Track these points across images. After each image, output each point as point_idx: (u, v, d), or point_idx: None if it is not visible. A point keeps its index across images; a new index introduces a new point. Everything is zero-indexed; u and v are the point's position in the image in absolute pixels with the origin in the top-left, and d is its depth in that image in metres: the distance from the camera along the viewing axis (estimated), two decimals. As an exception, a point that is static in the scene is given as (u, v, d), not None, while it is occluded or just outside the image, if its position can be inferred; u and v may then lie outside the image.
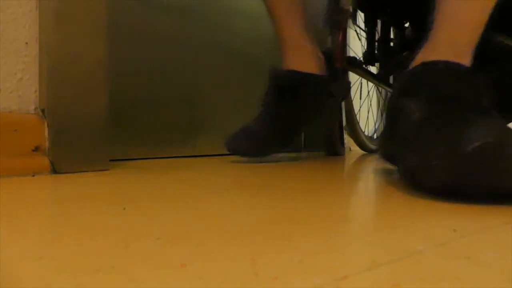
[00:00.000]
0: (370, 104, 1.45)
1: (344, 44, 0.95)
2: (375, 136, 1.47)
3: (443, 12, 0.50)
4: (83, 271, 0.18)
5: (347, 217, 0.31)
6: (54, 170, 0.59)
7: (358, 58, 1.07)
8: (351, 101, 1.20)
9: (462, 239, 0.24)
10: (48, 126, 0.60)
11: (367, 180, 0.58)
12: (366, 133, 1.37)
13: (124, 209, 0.32)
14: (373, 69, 1.23)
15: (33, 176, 0.56)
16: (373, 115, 1.50)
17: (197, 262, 0.19)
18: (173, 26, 1.00)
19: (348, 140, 1.44)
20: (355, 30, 1.18)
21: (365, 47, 1.13)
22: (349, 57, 0.99)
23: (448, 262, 0.20)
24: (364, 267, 0.19)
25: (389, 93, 1.44)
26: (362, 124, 1.35)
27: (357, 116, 1.29)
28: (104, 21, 0.65)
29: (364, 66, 1.11)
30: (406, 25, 1.12)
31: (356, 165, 0.85)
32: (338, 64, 0.93)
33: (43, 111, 0.60)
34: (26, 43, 0.60)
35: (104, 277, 0.17)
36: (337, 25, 0.95)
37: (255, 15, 1.22)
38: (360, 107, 1.40)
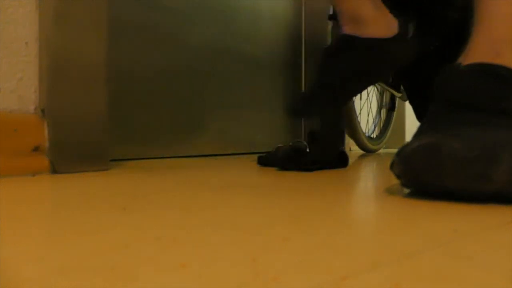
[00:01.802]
0: (370, 106, 1.45)
1: None
2: (373, 136, 1.47)
3: (480, 14, 0.49)
4: (83, 271, 0.18)
5: (347, 217, 0.31)
6: (54, 170, 0.59)
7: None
8: (352, 102, 1.20)
9: (462, 239, 0.24)
10: (48, 126, 0.60)
11: (367, 180, 0.58)
12: (366, 133, 1.38)
13: (124, 209, 0.32)
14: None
15: (33, 176, 0.56)
16: (372, 115, 1.51)
17: (197, 262, 0.19)
18: (173, 26, 1.00)
19: (348, 140, 1.45)
20: None
21: None
22: None
23: (448, 262, 0.20)
24: (364, 267, 0.19)
25: (388, 93, 1.45)
26: (362, 125, 1.36)
27: (359, 117, 1.30)
28: (105, 21, 0.65)
29: None
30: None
31: (356, 165, 0.85)
32: None
33: (43, 111, 0.60)
34: (26, 43, 0.60)
35: (104, 277, 0.17)
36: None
37: (255, 15, 1.22)
38: (361, 108, 1.41)
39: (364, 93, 1.42)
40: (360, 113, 1.37)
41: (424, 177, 0.35)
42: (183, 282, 0.17)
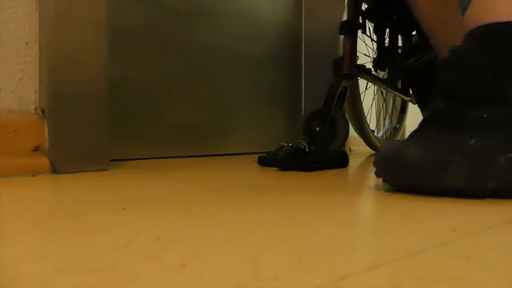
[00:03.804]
0: (371, 104, 1.47)
1: (352, 52, 0.98)
2: (384, 136, 1.52)
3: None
4: (83, 271, 0.18)
5: (347, 217, 0.31)
6: (54, 170, 0.59)
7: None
8: (360, 100, 1.22)
9: (462, 239, 0.24)
10: (48, 126, 0.60)
11: (367, 180, 0.58)
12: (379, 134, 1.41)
13: (124, 209, 0.32)
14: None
15: (33, 176, 0.56)
16: (382, 116, 1.56)
17: (197, 262, 0.19)
18: (173, 27, 1.00)
19: (348, 140, 1.45)
20: (364, 41, 1.22)
21: (375, 54, 1.19)
22: (358, 64, 1.03)
23: (448, 262, 0.20)
24: (364, 267, 0.19)
25: (396, 96, 1.50)
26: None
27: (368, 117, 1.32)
28: (105, 21, 0.65)
29: (373, 72, 1.17)
30: (413, 33, 1.19)
31: (356, 165, 0.85)
32: (347, 71, 0.96)
33: (43, 111, 0.60)
34: (26, 43, 0.60)
35: (104, 277, 0.17)
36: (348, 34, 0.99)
37: (255, 15, 1.22)
38: (371, 108, 1.43)
39: (370, 95, 1.45)
40: (370, 112, 1.40)
41: (391, 177, 0.44)
42: (183, 282, 0.17)
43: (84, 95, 0.63)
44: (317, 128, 0.88)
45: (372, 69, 1.19)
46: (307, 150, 0.73)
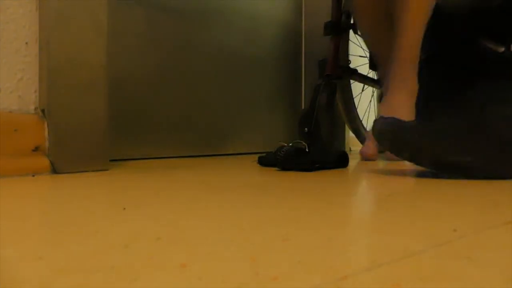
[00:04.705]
0: (370, 102, 1.47)
1: (336, 53, 0.98)
2: None
3: None
4: (83, 271, 0.18)
5: (347, 217, 0.31)
6: (54, 170, 0.59)
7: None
8: (353, 100, 1.22)
9: (462, 239, 0.24)
10: (48, 126, 0.60)
11: (366, 180, 0.58)
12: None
13: (124, 209, 0.32)
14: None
15: (33, 176, 0.56)
16: (375, 114, 1.54)
17: (197, 262, 0.19)
18: (173, 27, 1.00)
19: (348, 139, 1.45)
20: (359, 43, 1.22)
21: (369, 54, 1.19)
22: (342, 65, 1.03)
23: (448, 262, 0.20)
24: (364, 267, 0.19)
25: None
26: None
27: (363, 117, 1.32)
28: (105, 21, 0.65)
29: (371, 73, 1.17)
30: None
31: (356, 165, 0.85)
32: (330, 72, 0.96)
33: (43, 111, 0.60)
34: (26, 43, 0.60)
35: (104, 277, 0.17)
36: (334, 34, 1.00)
37: (255, 16, 1.22)
38: (368, 108, 1.43)
39: (368, 94, 1.44)
40: (366, 112, 1.39)
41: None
42: (183, 282, 0.17)
43: (84, 95, 0.63)
44: (306, 129, 0.88)
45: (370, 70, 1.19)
46: (307, 150, 0.73)
